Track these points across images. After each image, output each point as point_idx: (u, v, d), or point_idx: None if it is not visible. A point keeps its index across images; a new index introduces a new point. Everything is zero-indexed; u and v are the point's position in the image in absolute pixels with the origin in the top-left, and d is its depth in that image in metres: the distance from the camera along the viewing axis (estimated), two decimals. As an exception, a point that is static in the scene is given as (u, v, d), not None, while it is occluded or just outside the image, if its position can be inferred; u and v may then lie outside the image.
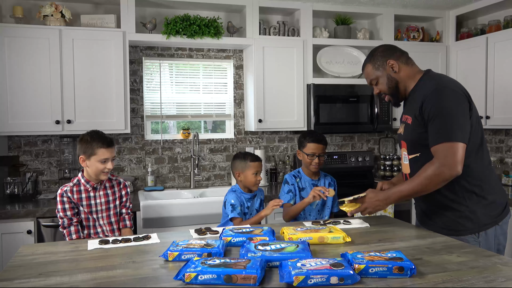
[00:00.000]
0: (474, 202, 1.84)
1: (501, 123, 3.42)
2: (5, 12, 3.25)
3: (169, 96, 3.71)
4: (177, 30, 3.32)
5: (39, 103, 3.04)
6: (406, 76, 1.98)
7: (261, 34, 3.60)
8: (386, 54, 2.00)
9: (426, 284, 1.31)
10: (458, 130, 1.75)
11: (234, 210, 2.41)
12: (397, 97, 2.03)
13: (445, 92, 1.81)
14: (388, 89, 2.01)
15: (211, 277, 1.30)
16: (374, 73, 2.02)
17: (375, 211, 1.96)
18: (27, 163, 3.36)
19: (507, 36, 3.34)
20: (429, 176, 1.78)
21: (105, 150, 2.24)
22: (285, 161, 3.95)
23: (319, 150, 2.57)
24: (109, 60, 3.17)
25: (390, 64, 1.98)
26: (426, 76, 1.97)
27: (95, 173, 2.28)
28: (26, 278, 1.41)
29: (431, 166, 1.78)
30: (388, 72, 1.98)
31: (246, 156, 2.51)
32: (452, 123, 1.76)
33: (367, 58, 2.07)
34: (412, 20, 4.11)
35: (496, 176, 1.95)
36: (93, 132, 2.31)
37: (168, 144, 3.68)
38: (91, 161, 2.25)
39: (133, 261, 1.56)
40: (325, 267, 1.32)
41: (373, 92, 2.10)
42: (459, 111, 1.79)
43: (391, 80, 1.99)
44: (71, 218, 2.26)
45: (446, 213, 1.90)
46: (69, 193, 2.28)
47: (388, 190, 1.94)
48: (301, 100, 3.63)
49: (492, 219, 1.85)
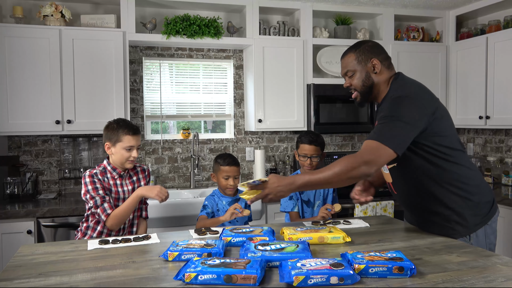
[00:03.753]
0: (459, 205, 1.81)
1: (501, 123, 3.42)
2: (5, 12, 3.25)
3: (169, 96, 3.71)
4: (177, 30, 3.32)
5: (39, 103, 3.04)
6: (383, 80, 1.90)
7: (261, 34, 3.60)
8: (373, 51, 1.91)
9: (426, 284, 1.31)
10: (396, 139, 1.69)
11: (203, 209, 2.41)
12: (367, 98, 1.94)
13: (405, 100, 1.75)
14: (361, 87, 1.91)
15: (211, 277, 1.30)
16: (353, 65, 1.91)
17: (277, 198, 1.78)
18: (27, 163, 3.36)
19: (507, 36, 3.34)
20: (345, 169, 1.68)
21: (130, 137, 2.20)
22: (285, 161, 3.95)
23: (312, 152, 2.49)
24: (109, 60, 3.18)
25: (373, 63, 1.89)
26: (394, 82, 1.89)
27: (120, 161, 2.23)
28: (26, 278, 1.41)
29: (351, 158, 1.69)
30: (368, 70, 1.90)
31: (220, 159, 2.47)
32: (393, 129, 1.70)
33: (352, 47, 1.95)
34: (412, 20, 4.11)
35: (479, 176, 1.90)
36: (119, 119, 2.29)
37: (168, 144, 3.69)
38: (116, 148, 2.22)
39: (133, 261, 1.56)
40: (325, 267, 1.32)
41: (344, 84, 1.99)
42: (407, 121, 1.70)
43: (368, 79, 1.90)
44: (103, 196, 2.17)
45: (434, 220, 1.88)
46: (100, 176, 2.23)
47: (294, 176, 1.78)
48: (301, 100, 3.63)
49: (481, 219, 1.83)
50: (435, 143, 1.77)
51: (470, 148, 4.14)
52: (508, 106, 3.34)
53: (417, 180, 1.83)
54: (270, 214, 3.22)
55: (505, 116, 3.37)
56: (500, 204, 3.02)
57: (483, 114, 3.53)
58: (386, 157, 1.68)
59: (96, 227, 2.24)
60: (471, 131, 4.13)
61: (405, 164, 1.83)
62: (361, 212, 3.22)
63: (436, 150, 1.77)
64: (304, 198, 2.57)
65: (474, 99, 3.65)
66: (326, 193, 2.61)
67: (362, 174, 1.69)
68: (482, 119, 3.55)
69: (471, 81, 3.68)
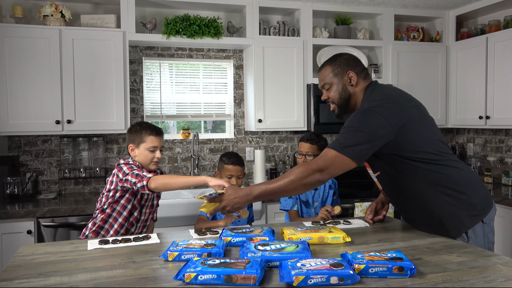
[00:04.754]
0: (452, 205, 1.80)
1: (501, 123, 3.42)
2: (5, 12, 3.25)
3: (169, 96, 3.71)
4: (177, 30, 3.32)
5: (39, 103, 3.04)
6: (359, 92, 1.92)
7: (261, 34, 3.60)
8: (349, 64, 1.94)
9: (426, 284, 1.31)
10: (354, 148, 1.71)
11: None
12: (344, 110, 1.96)
13: (363, 113, 1.77)
14: (338, 99, 1.94)
15: (211, 277, 1.30)
16: (330, 78, 1.94)
17: (235, 210, 1.83)
18: (27, 163, 3.36)
19: (507, 36, 3.34)
20: (300, 176, 1.73)
21: (154, 137, 2.21)
22: (285, 161, 3.95)
23: (309, 150, 2.51)
24: (109, 60, 3.18)
25: (349, 76, 1.91)
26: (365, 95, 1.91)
27: (144, 162, 2.23)
28: (26, 278, 1.41)
29: (306, 166, 1.74)
30: (344, 83, 1.92)
31: (225, 157, 2.47)
32: (351, 138, 1.73)
33: (328, 60, 1.98)
34: (412, 20, 4.11)
35: (470, 175, 1.88)
36: (142, 122, 2.31)
37: (168, 144, 3.69)
38: (140, 150, 2.22)
39: (133, 261, 1.56)
40: (325, 267, 1.32)
41: (321, 97, 2.02)
42: (367, 132, 1.72)
43: (345, 92, 1.92)
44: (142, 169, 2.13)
45: (428, 221, 1.88)
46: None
47: (252, 186, 1.82)
48: (301, 100, 3.63)
49: (476, 217, 1.82)
50: (413, 150, 1.77)
51: (470, 148, 4.15)
52: (508, 106, 3.34)
53: (405, 186, 1.85)
54: (270, 214, 3.22)
55: (505, 116, 3.37)
56: (500, 204, 3.01)
57: (483, 114, 3.53)
58: (342, 166, 1.72)
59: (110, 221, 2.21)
60: (471, 131, 4.13)
61: (390, 172, 1.85)
62: (361, 212, 3.23)
63: (416, 156, 1.78)
64: (302, 198, 2.58)
65: (474, 99, 3.65)
66: (326, 195, 2.61)
67: (316, 181, 1.74)
68: (482, 119, 3.55)
69: (471, 81, 3.68)
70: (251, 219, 2.54)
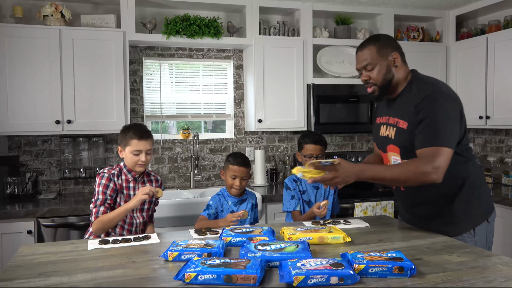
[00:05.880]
0: (468, 199, 1.84)
1: (501, 123, 3.42)
2: (5, 12, 3.25)
3: (169, 96, 3.71)
4: (177, 30, 3.32)
5: (39, 103, 3.04)
6: (401, 74, 1.89)
7: (261, 34, 3.60)
8: (393, 44, 1.90)
9: (426, 284, 1.31)
10: (451, 137, 1.72)
11: (206, 209, 2.40)
12: (385, 92, 1.91)
13: (441, 97, 1.76)
14: (382, 80, 1.87)
15: (211, 277, 1.30)
16: (375, 58, 1.86)
17: (343, 184, 1.77)
18: (27, 163, 3.36)
19: (507, 36, 3.34)
20: (416, 172, 1.69)
21: (137, 141, 2.21)
22: (285, 161, 3.95)
23: (317, 152, 2.51)
24: (109, 60, 3.18)
25: (393, 56, 1.87)
26: (416, 78, 1.90)
27: (130, 164, 2.25)
28: (26, 278, 1.41)
29: (423, 164, 1.69)
30: (389, 63, 1.87)
31: (231, 157, 2.46)
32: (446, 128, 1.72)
33: (371, 39, 1.91)
34: (412, 20, 4.11)
35: (482, 173, 1.94)
36: (132, 123, 2.33)
37: (168, 144, 3.69)
38: (125, 152, 2.25)
39: (133, 261, 1.56)
40: (325, 267, 1.32)
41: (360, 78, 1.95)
42: (452, 117, 1.75)
43: (389, 73, 1.87)
44: (106, 198, 2.18)
45: (441, 216, 1.89)
46: (115, 177, 2.24)
47: (364, 165, 1.80)
48: (301, 100, 3.63)
49: (484, 215, 1.87)
50: (459, 142, 1.80)
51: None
52: (508, 106, 3.34)
53: None
54: (270, 214, 3.22)
55: (505, 116, 3.37)
56: (500, 204, 3.02)
57: (483, 114, 3.53)
58: (448, 159, 1.70)
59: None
60: (471, 131, 4.13)
61: None
62: (361, 212, 3.22)
63: (458, 149, 1.79)
64: (305, 198, 2.58)
65: (474, 99, 3.64)
66: (327, 194, 2.61)
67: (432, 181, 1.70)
68: (482, 119, 3.55)
69: (471, 81, 3.68)
70: (255, 219, 2.54)
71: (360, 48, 1.93)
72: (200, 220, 2.36)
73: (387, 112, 1.97)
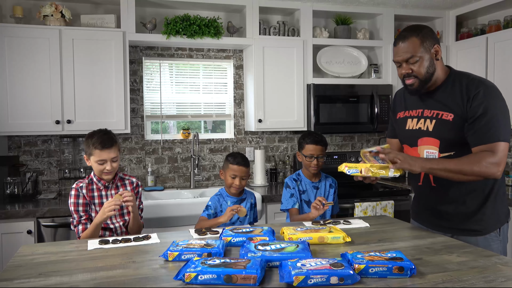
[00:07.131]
0: (497, 199, 1.85)
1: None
2: (5, 12, 3.25)
3: (169, 96, 3.71)
4: (177, 30, 3.32)
5: (39, 103, 3.04)
6: (441, 68, 1.87)
7: (261, 34, 3.60)
8: (435, 38, 1.86)
9: (426, 284, 1.31)
10: (508, 132, 1.75)
11: (206, 210, 2.40)
12: (425, 86, 1.86)
13: (495, 93, 1.77)
14: (425, 74, 1.82)
15: (211, 277, 1.30)
16: (419, 50, 1.81)
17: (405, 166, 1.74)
18: (27, 163, 3.36)
19: (507, 36, 3.34)
20: (482, 166, 1.68)
21: (99, 151, 2.16)
22: (285, 161, 3.95)
23: (318, 152, 2.51)
24: (109, 60, 3.17)
25: (435, 50, 1.83)
26: (458, 72, 1.89)
27: (97, 173, 2.23)
28: (26, 278, 1.41)
29: (490, 158, 1.68)
30: (431, 56, 1.82)
31: (231, 157, 2.46)
32: (504, 123, 1.75)
33: (413, 30, 1.84)
34: (412, 20, 4.10)
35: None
36: (95, 132, 2.25)
37: (168, 144, 3.69)
38: (91, 161, 2.22)
39: (133, 261, 1.56)
40: (325, 267, 1.32)
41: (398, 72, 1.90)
42: (507, 112, 1.78)
43: (432, 66, 1.82)
44: (81, 216, 2.19)
45: (469, 214, 1.86)
46: (84, 190, 2.23)
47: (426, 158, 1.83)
48: (301, 100, 3.63)
49: (506, 216, 1.89)
50: None
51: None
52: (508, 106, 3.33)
53: None
54: (270, 214, 3.22)
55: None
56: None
57: (483, 114, 3.53)
58: (506, 152, 1.73)
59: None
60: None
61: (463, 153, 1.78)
62: (361, 212, 3.23)
63: None
64: (304, 198, 2.57)
65: (474, 99, 3.64)
66: (327, 193, 2.61)
67: (493, 177, 1.71)
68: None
69: (471, 81, 3.67)
70: (255, 219, 2.54)
71: (401, 39, 1.86)
72: (200, 221, 2.36)
73: (419, 106, 1.94)
